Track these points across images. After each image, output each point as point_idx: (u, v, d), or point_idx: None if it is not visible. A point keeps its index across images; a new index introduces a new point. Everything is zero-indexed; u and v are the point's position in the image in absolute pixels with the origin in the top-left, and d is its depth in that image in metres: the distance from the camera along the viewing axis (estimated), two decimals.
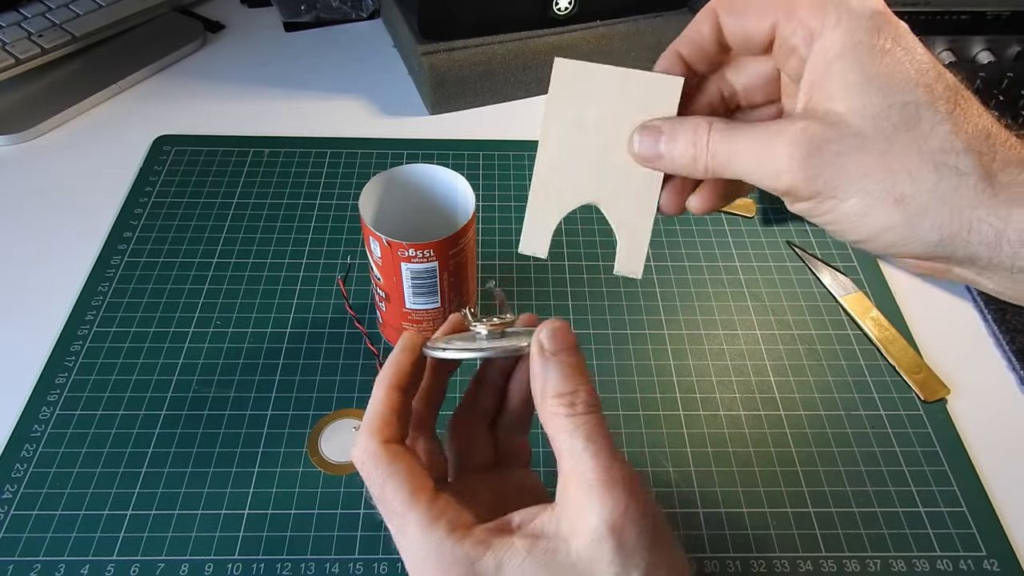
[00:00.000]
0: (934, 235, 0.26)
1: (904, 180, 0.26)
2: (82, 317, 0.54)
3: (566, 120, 0.32)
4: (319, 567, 0.42)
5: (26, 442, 0.47)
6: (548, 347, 0.29)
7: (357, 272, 0.58)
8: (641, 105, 0.31)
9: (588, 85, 0.32)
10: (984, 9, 0.73)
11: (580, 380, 0.29)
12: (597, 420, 0.28)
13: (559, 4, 0.70)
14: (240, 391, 0.50)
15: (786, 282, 0.58)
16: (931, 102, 0.26)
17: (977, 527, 0.45)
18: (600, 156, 0.32)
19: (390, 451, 0.30)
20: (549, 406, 0.28)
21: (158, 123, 0.70)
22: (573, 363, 0.29)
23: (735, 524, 0.45)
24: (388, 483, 0.29)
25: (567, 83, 0.32)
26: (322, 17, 0.84)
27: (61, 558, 0.42)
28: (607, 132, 0.32)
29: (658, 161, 0.31)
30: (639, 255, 0.33)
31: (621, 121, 0.32)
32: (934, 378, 0.52)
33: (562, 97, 0.32)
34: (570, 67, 0.32)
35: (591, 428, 0.28)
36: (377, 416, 0.31)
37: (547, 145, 0.33)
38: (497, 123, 0.72)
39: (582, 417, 0.28)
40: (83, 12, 0.76)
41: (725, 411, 0.50)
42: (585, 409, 0.28)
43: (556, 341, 0.29)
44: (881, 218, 0.27)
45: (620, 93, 0.32)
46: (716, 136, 0.29)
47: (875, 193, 0.26)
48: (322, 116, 0.72)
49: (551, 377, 0.29)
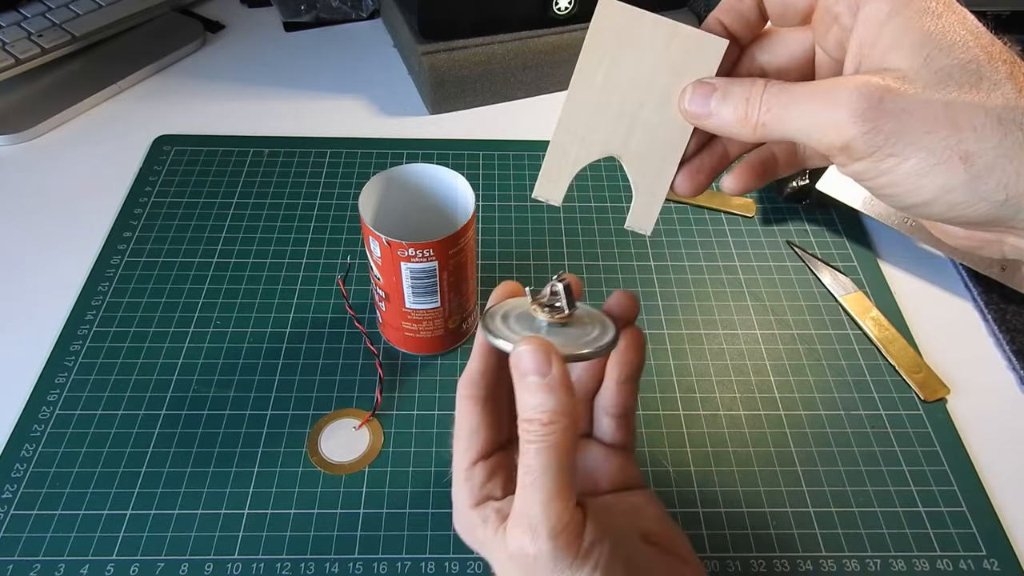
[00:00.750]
0: (1000, 194, 0.25)
1: (970, 137, 0.25)
2: (82, 317, 0.54)
3: (602, 67, 0.31)
4: (319, 567, 0.42)
5: (26, 442, 0.47)
6: (519, 368, 0.29)
7: (357, 272, 0.58)
8: (681, 62, 0.30)
9: (631, 33, 0.30)
10: (984, 9, 0.73)
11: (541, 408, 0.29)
12: (542, 451, 0.28)
13: (559, 4, 0.70)
14: (240, 391, 0.50)
15: (786, 282, 0.58)
16: (990, 62, 0.26)
17: (977, 527, 0.45)
18: (631, 109, 0.31)
19: (464, 408, 0.33)
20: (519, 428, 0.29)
21: (158, 123, 0.70)
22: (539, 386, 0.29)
23: (735, 524, 0.45)
24: (456, 433, 0.33)
25: (610, 28, 0.30)
26: (322, 17, 0.84)
27: (61, 558, 0.42)
28: (643, 85, 0.31)
29: (707, 119, 0.30)
30: (652, 213, 0.33)
31: (658, 75, 0.30)
32: (934, 378, 0.52)
33: (602, 42, 0.31)
34: (617, 10, 0.30)
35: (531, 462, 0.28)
36: (466, 372, 0.33)
37: (578, 90, 0.32)
38: (497, 123, 0.72)
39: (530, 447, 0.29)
40: (83, 12, 0.76)
41: (725, 411, 0.50)
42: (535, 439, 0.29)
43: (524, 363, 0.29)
44: (944, 177, 0.26)
45: (662, 46, 0.30)
46: (773, 90, 0.28)
47: (938, 151, 0.25)
48: (322, 116, 0.72)
49: (520, 401, 0.29)
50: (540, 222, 0.62)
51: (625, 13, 0.30)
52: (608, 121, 0.32)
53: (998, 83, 0.25)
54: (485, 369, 0.33)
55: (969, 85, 0.25)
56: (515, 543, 0.28)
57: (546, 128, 0.71)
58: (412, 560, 0.43)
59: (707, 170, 0.32)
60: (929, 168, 0.26)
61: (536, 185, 0.33)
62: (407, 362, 0.52)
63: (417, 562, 0.43)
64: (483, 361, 0.33)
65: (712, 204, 0.64)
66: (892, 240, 0.61)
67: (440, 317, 0.49)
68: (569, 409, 0.29)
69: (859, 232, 0.62)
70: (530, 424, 0.29)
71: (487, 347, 0.33)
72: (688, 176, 0.32)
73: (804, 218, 0.63)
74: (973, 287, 0.57)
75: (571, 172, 0.33)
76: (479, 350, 0.33)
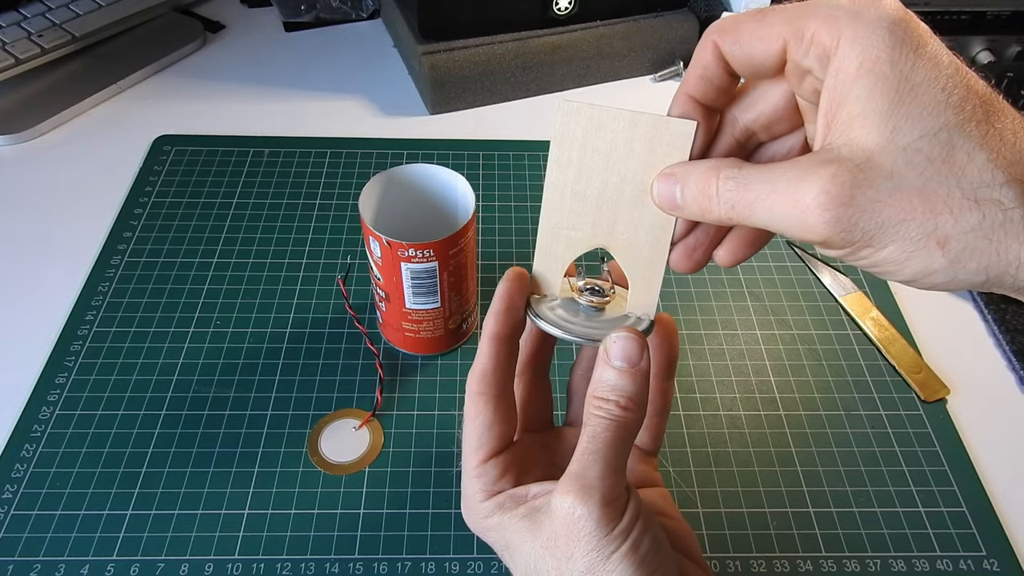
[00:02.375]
0: (980, 276, 0.24)
1: (947, 222, 0.24)
2: (82, 317, 0.54)
3: (571, 167, 0.31)
4: (319, 567, 0.42)
5: (26, 442, 0.47)
6: (610, 352, 0.30)
7: (357, 272, 0.58)
8: (651, 150, 0.30)
9: (595, 129, 0.30)
10: (984, 9, 0.73)
11: (620, 391, 0.30)
12: (610, 427, 0.30)
13: (559, 4, 0.70)
14: (240, 391, 0.50)
15: (786, 282, 0.58)
16: (962, 125, 0.24)
17: (977, 527, 0.45)
18: (610, 202, 0.31)
19: (476, 405, 0.33)
20: (588, 399, 0.31)
21: (158, 123, 0.70)
22: (624, 374, 0.30)
23: (735, 524, 0.45)
24: (466, 428, 0.33)
25: (573, 126, 0.30)
26: (322, 17, 0.84)
27: (61, 558, 0.42)
28: (616, 179, 0.31)
29: (679, 211, 0.30)
30: (651, 300, 0.33)
31: (630, 166, 0.30)
32: (934, 378, 0.52)
33: (567, 140, 0.30)
34: (576, 109, 0.30)
35: (599, 431, 0.30)
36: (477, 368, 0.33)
37: (553, 190, 0.32)
38: (497, 123, 0.72)
39: (600, 420, 0.30)
40: (83, 12, 0.76)
41: (725, 411, 0.50)
42: (607, 415, 0.30)
43: (617, 349, 0.30)
44: (923, 262, 0.25)
45: (628, 137, 0.30)
46: (726, 184, 0.27)
47: (915, 238, 0.24)
48: (322, 116, 0.72)
49: (600, 378, 0.30)
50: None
51: (584, 111, 0.30)
52: (588, 217, 0.32)
53: (972, 152, 0.24)
54: (496, 365, 0.33)
55: (941, 159, 0.24)
56: (566, 502, 0.29)
57: (546, 128, 0.71)
58: (412, 560, 0.43)
59: (703, 246, 0.32)
60: (907, 255, 0.25)
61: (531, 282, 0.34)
62: (407, 362, 0.52)
63: (417, 562, 0.43)
64: (494, 357, 0.33)
65: None
66: None
67: (440, 317, 0.49)
68: (644, 402, 0.30)
69: None
70: (606, 403, 0.30)
71: (499, 343, 0.33)
72: (684, 255, 0.32)
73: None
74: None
75: (560, 270, 0.33)
76: (490, 346, 0.33)
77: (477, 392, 0.33)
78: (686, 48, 0.77)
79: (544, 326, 0.32)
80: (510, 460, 0.33)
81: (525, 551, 0.31)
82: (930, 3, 0.73)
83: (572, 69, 0.74)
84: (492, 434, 0.33)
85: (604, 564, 0.29)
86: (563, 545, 0.29)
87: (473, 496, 0.33)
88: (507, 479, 0.33)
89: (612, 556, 0.29)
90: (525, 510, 0.31)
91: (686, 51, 0.77)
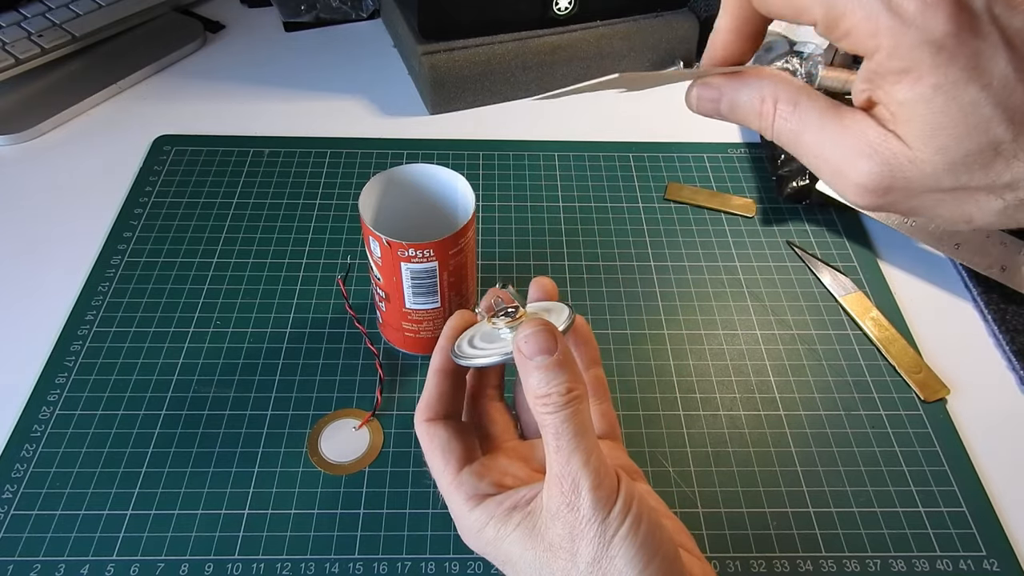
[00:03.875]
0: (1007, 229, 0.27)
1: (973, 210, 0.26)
2: (82, 317, 0.54)
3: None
4: (319, 567, 0.42)
5: (26, 442, 0.47)
6: (525, 352, 0.31)
7: (357, 272, 0.58)
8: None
9: None
10: None
11: (555, 381, 0.30)
12: (567, 418, 0.30)
13: (559, 4, 0.70)
14: (240, 391, 0.50)
15: (786, 282, 0.58)
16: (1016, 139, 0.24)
17: (977, 527, 0.45)
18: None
19: (429, 431, 0.35)
20: (532, 404, 0.31)
21: (158, 123, 0.70)
22: (549, 365, 0.30)
23: (735, 524, 0.45)
24: (428, 457, 0.35)
25: None
26: (322, 17, 0.84)
27: (61, 558, 0.42)
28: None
29: (716, 116, 0.29)
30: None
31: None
32: (934, 378, 0.52)
33: None
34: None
35: (559, 426, 0.30)
36: (423, 399, 0.36)
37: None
38: (497, 123, 0.72)
39: (553, 416, 0.30)
40: (83, 12, 0.76)
41: (725, 411, 0.50)
42: (555, 408, 0.30)
43: (530, 346, 0.31)
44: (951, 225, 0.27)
45: None
46: (781, 116, 0.27)
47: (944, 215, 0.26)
48: (322, 116, 0.72)
49: (530, 380, 0.31)
50: (540, 222, 0.62)
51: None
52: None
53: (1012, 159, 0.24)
54: (440, 394, 0.36)
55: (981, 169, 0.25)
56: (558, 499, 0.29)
57: (546, 128, 0.71)
58: (412, 560, 0.43)
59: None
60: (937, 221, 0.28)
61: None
62: (407, 362, 0.52)
63: (417, 562, 0.43)
64: (438, 387, 0.36)
65: (712, 204, 0.64)
66: (892, 240, 0.61)
67: (440, 317, 0.49)
68: (581, 379, 0.31)
69: (859, 232, 0.62)
70: (547, 399, 0.30)
71: (442, 375, 0.36)
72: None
73: (804, 218, 0.63)
74: (973, 287, 0.57)
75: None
76: (434, 378, 0.36)
77: (426, 420, 0.35)
78: (686, 48, 0.77)
79: (459, 361, 0.35)
80: (484, 468, 0.34)
81: (528, 560, 0.31)
82: None
83: (572, 69, 0.74)
84: (453, 446, 0.34)
85: (607, 550, 0.29)
86: (567, 544, 0.29)
87: (461, 509, 0.33)
88: (487, 483, 0.33)
89: (613, 540, 0.29)
90: (520, 518, 0.31)
91: (686, 51, 0.77)
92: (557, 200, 0.64)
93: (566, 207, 0.63)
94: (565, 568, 0.30)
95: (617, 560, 0.29)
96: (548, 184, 0.65)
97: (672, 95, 0.76)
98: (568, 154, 0.68)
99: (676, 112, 0.74)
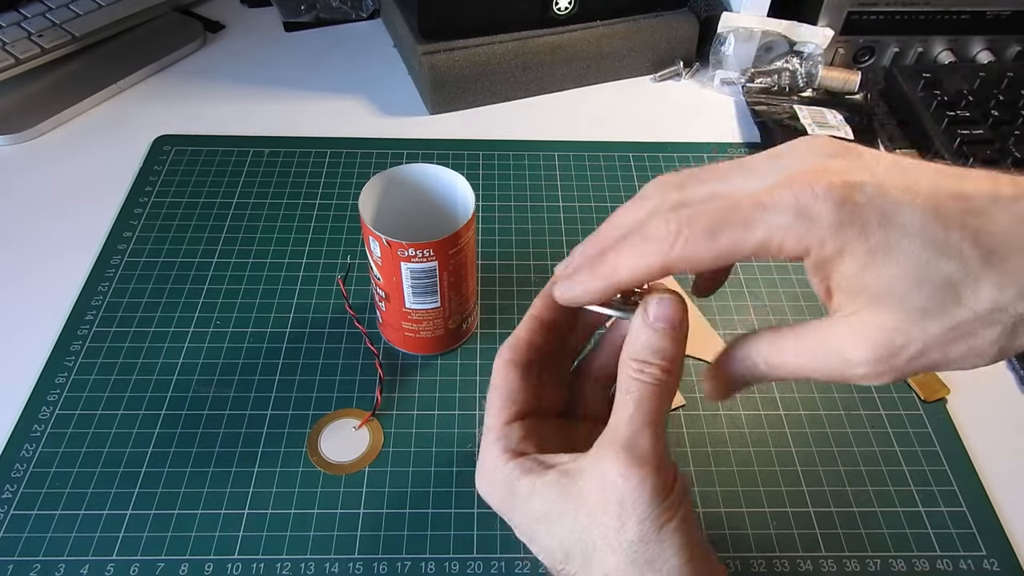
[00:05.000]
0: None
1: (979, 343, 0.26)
2: (82, 317, 0.54)
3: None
4: (319, 567, 0.42)
5: (26, 442, 0.47)
6: (651, 314, 0.30)
7: (357, 272, 0.58)
8: None
9: None
10: (984, 9, 0.73)
11: (662, 354, 0.30)
12: (655, 392, 0.29)
13: (559, 4, 0.70)
14: (240, 391, 0.50)
15: (786, 282, 0.58)
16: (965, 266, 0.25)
17: (977, 527, 0.45)
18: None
19: (504, 371, 0.34)
20: (625, 364, 0.30)
21: (158, 123, 0.70)
22: (666, 335, 0.30)
23: (735, 524, 0.45)
24: (491, 393, 0.34)
25: None
26: (322, 17, 0.84)
27: (61, 558, 0.42)
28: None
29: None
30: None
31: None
32: (934, 378, 0.52)
33: None
34: None
35: (644, 396, 0.29)
36: (512, 337, 0.34)
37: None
38: (497, 123, 0.72)
39: (644, 385, 0.29)
40: (83, 12, 0.76)
41: (725, 411, 0.50)
42: (650, 379, 0.29)
43: (659, 310, 0.30)
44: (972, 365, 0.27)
45: None
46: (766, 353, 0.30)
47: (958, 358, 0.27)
48: (322, 116, 0.72)
49: (639, 340, 0.30)
50: (540, 222, 0.62)
51: None
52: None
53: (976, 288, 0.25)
54: (532, 339, 0.34)
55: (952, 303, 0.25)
56: (616, 469, 0.29)
57: (546, 128, 0.71)
58: (412, 560, 0.43)
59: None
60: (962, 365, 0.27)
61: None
62: (407, 362, 0.52)
63: (417, 562, 0.43)
64: (532, 332, 0.34)
65: None
66: None
67: (440, 317, 0.49)
68: (682, 364, 0.31)
69: None
70: (648, 366, 0.30)
71: (539, 320, 0.34)
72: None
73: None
74: None
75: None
76: (530, 323, 0.34)
77: (507, 359, 0.34)
78: (686, 48, 0.77)
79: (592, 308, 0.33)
80: (532, 427, 0.33)
81: (567, 522, 0.30)
82: (930, 3, 0.73)
83: (572, 69, 0.74)
84: (518, 397, 0.33)
85: (657, 535, 0.28)
86: (614, 514, 0.29)
87: (496, 460, 0.32)
88: (530, 443, 0.33)
89: (664, 527, 0.28)
90: (557, 474, 0.31)
91: (686, 51, 0.77)
92: (557, 200, 0.64)
93: (566, 207, 0.63)
94: (605, 536, 0.29)
95: (666, 547, 0.28)
96: (548, 184, 0.65)
97: (672, 95, 0.76)
98: (568, 154, 0.68)
99: (676, 112, 0.74)
